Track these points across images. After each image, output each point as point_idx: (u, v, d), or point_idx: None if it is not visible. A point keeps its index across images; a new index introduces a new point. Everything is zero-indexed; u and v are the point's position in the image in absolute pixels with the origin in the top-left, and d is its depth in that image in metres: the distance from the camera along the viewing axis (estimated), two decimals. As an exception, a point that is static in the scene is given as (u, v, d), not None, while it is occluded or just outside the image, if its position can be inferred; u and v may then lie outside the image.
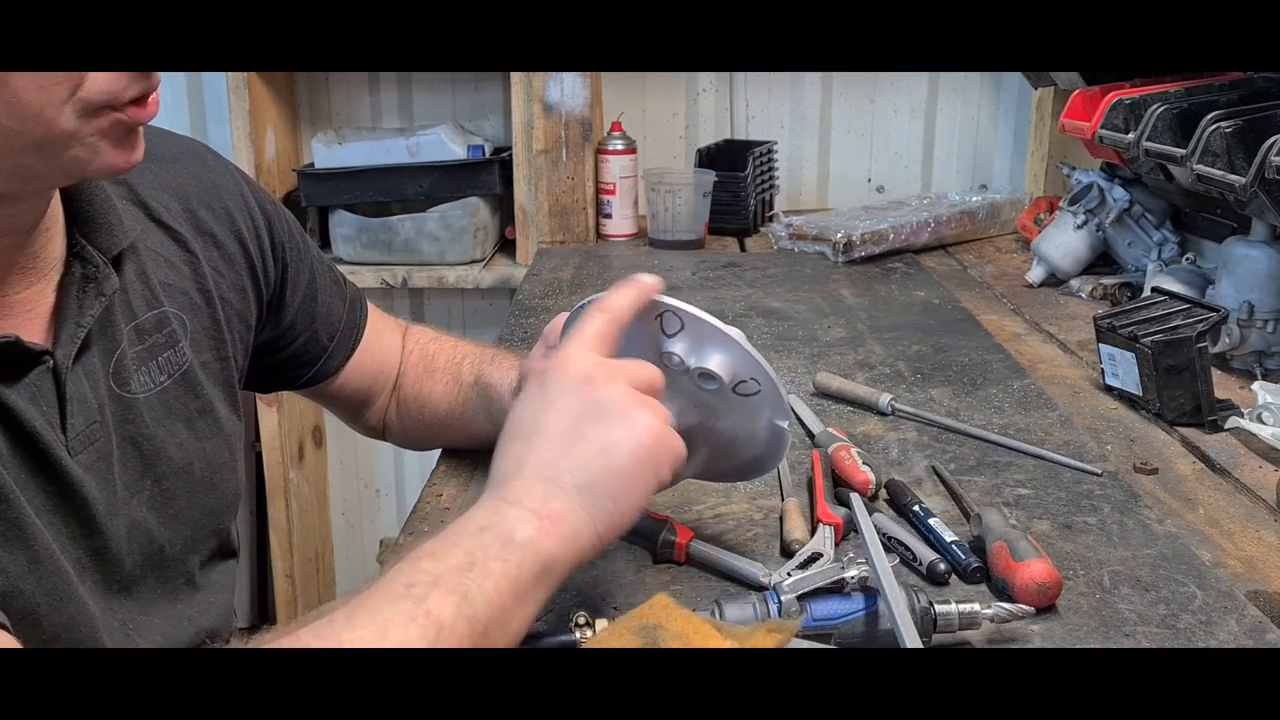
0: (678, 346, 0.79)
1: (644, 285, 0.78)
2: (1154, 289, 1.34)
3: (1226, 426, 1.16)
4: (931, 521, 0.91)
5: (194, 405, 0.84)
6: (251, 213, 0.92)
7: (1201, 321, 1.19)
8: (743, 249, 2.11)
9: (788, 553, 0.89)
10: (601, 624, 0.75)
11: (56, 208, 0.75)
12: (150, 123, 0.76)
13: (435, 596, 0.60)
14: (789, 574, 0.80)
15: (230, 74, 2.07)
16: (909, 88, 2.42)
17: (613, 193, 2.14)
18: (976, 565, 0.85)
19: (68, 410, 0.72)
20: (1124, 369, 1.23)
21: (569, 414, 0.70)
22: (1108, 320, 1.25)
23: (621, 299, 0.77)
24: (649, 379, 0.73)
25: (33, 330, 0.72)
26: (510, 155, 2.14)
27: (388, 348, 1.09)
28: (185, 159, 0.88)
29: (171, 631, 0.81)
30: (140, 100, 0.69)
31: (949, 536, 0.89)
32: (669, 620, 0.68)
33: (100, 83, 0.66)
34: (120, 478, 0.77)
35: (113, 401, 0.77)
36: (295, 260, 0.97)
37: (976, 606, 0.77)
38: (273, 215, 0.94)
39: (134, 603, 0.78)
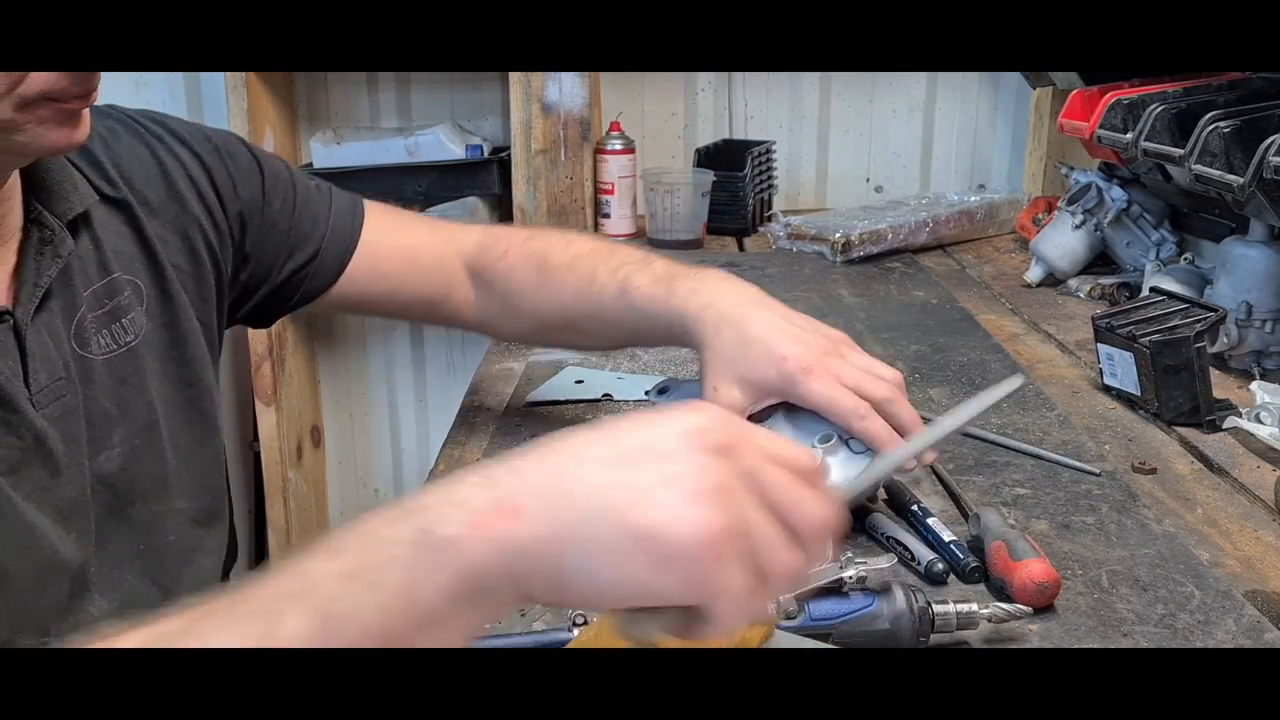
0: None
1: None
2: (1152, 289, 1.34)
3: (1225, 426, 1.16)
4: (930, 521, 0.91)
5: (155, 368, 0.86)
6: (189, 171, 0.91)
7: (1200, 321, 1.19)
8: (741, 249, 2.11)
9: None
10: (600, 624, 0.75)
11: (14, 178, 0.78)
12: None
13: (291, 617, 0.46)
14: (787, 574, 0.80)
15: (229, 74, 2.07)
16: (907, 87, 2.42)
17: (611, 192, 2.14)
18: (974, 565, 0.85)
19: (30, 365, 0.75)
20: (1122, 369, 1.24)
21: (641, 433, 0.51)
22: (1106, 320, 1.25)
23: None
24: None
25: None
26: (509, 155, 2.14)
27: (414, 246, 1.06)
28: (120, 130, 0.89)
29: (142, 590, 0.83)
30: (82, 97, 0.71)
31: (947, 536, 0.89)
32: None
33: (38, 83, 0.68)
34: (86, 434, 0.79)
35: (76, 362, 0.80)
36: (248, 198, 0.95)
37: (974, 606, 0.77)
38: (211, 164, 0.93)
39: (106, 555, 0.80)
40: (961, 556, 0.86)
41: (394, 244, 1.04)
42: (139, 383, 0.84)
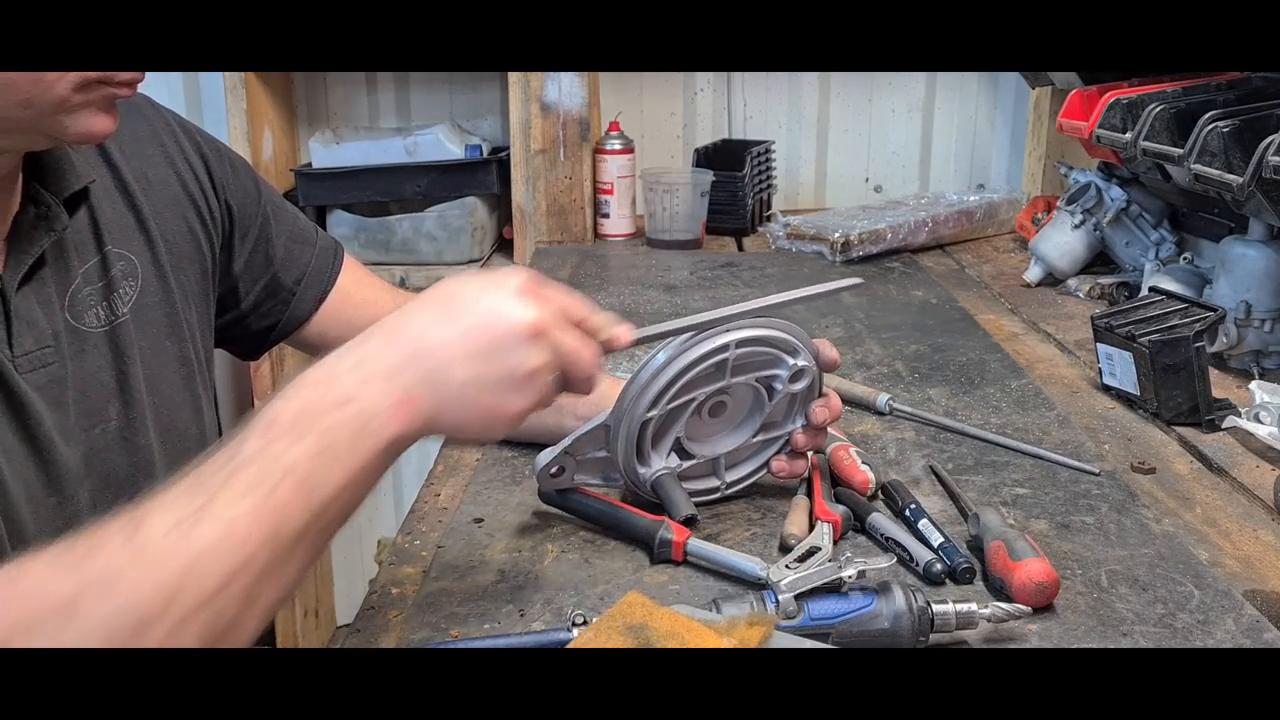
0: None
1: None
2: (1151, 288, 1.34)
3: (1224, 426, 1.16)
4: (921, 524, 0.91)
5: (150, 343, 0.87)
6: (187, 156, 0.94)
7: (1199, 321, 1.19)
8: (740, 249, 2.11)
9: (785, 547, 0.89)
10: (599, 624, 0.74)
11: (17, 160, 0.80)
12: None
13: (282, 491, 0.63)
14: (787, 567, 0.80)
15: (227, 74, 2.07)
16: (906, 87, 2.42)
17: (610, 192, 2.14)
18: (966, 565, 0.85)
19: (14, 329, 0.76)
20: (1121, 368, 1.24)
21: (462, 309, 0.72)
22: (1105, 320, 1.25)
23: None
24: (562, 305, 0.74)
25: None
26: (508, 155, 2.14)
27: (376, 302, 1.09)
28: (124, 109, 0.90)
29: None
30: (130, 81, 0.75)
31: (936, 539, 0.89)
32: (654, 619, 0.68)
33: None
34: (77, 405, 0.80)
35: (69, 333, 0.81)
36: (242, 200, 0.99)
37: (974, 606, 0.77)
38: (210, 156, 0.96)
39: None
40: (953, 558, 0.86)
41: (362, 295, 1.08)
42: (135, 356, 0.86)
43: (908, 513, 0.94)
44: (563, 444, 0.91)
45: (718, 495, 0.99)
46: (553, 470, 0.92)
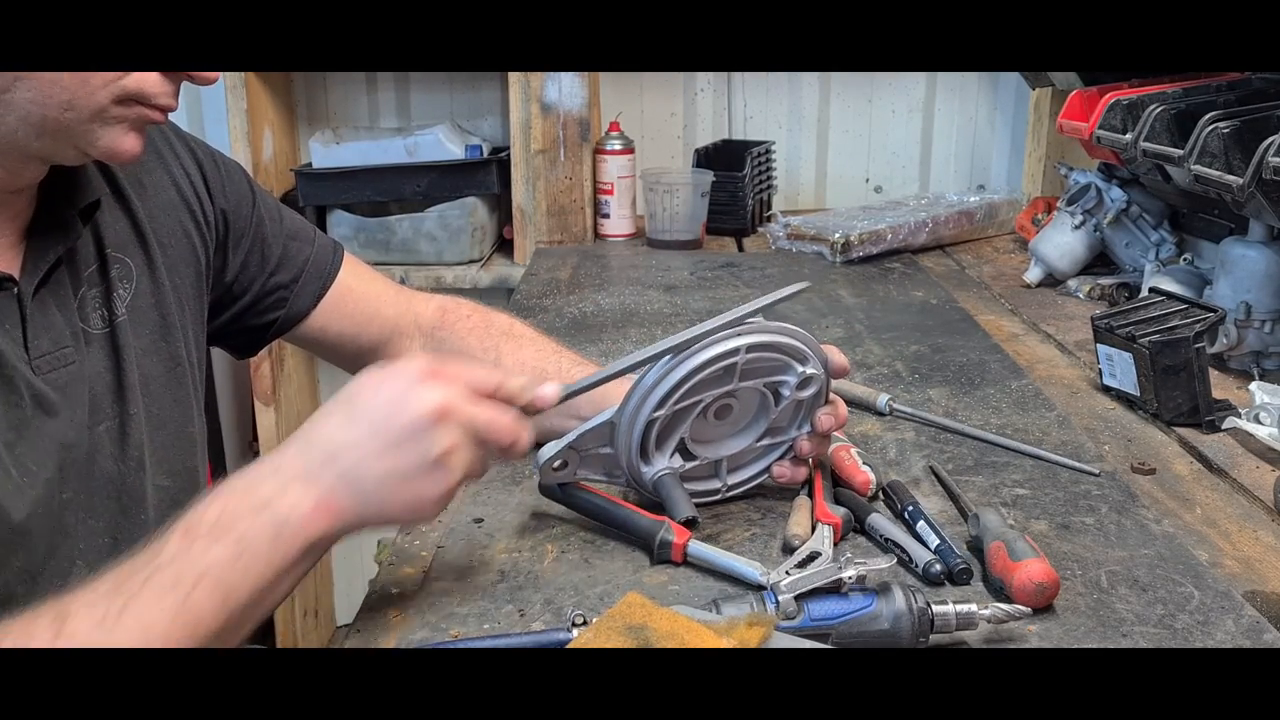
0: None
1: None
2: (1151, 289, 1.34)
3: (1224, 426, 1.16)
4: (919, 526, 0.91)
5: (145, 343, 0.89)
6: (182, 162, 0.97)
7: (1199, 322, 1.19)
8: (740, 249, 2.11)
9: (788, 548, 0.89)
10: (599, 624, 0.74)
11: None
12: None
13: (199, 594, 0.67)
14: (787, 573, 0.80)
15: (228, 74, 2.07)
16: (907, 88, 2.42)
17: (610, 192, 2.14)
18: (963, 566, 0.85)
19: (29, 331, 0.78)
20: (1121, 369, 1.24)
21: (378, 408, 0.74)
22: (1105, 320, 1.25)
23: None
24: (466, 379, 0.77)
25: (2, 264, 0.79)
26: (508, 155, 2.14)
27: (379, 297, 1.10)
28: None
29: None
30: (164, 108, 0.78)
31: (933, 541, 0.88)
32: (653, 620, 0.68)
33: (138, 80, 0.75)
34: (89, 404, 0.83)
35: (81, 335, 0.84)
36: (237, 204, 1.00)
37: (974, 607, 0.77)
38: (205, 162, 0.99)
39: (98, 524, 0.83)
40: (950, 559, 0.86)
41: (364, 289, 1.10)
42: (130, 355, 0.88)
43: (906, 514, 0.94)
44: (568, 438, 0.91)
45: (719, 497, 0.99)
46: (556, 464, 0.92)
